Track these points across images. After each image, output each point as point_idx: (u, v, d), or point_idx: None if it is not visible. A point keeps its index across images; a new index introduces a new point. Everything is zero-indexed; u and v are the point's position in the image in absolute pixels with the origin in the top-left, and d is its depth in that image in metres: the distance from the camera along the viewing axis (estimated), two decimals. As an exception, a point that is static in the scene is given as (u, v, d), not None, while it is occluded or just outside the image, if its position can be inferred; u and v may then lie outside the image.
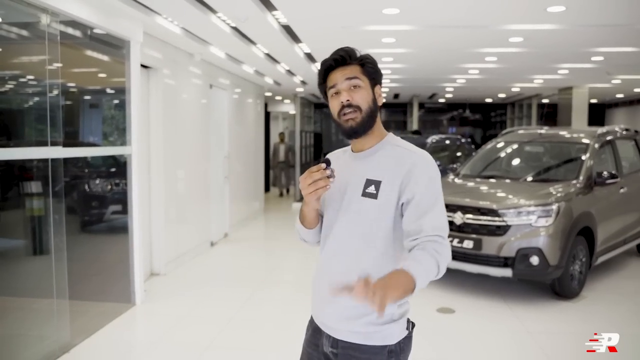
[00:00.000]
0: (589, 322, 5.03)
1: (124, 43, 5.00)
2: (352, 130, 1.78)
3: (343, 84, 1.77)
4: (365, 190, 1.75)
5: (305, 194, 1.69)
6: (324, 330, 1.84)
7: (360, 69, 1.80)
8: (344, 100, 1.76)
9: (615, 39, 6.41)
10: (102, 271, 5.30)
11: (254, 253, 8.11)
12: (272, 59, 8.22)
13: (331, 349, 1.82)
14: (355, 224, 1.76)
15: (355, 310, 1.73)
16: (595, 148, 6.32)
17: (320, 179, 1.67)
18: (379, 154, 1.81)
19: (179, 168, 6.80)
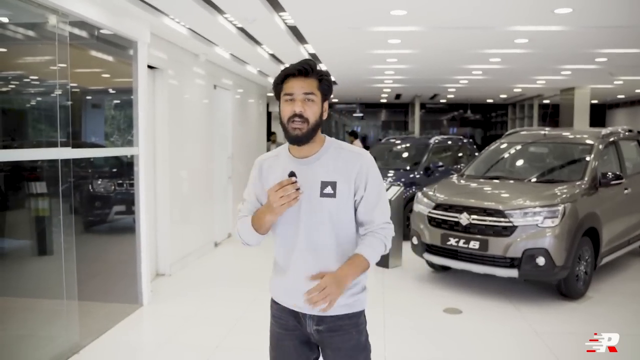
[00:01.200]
0: (595, 323, 5.03)
1: (132, 44, 5.01)
2: (297, 139, 1.98)
3: (300, 96, 1.95)
4: (322, 192, 2.00)
5: (277, 205, 1.89)
6: (306, 313, 2.08)
7: (317, 84, 1.98)
8: (297, 110, 1.94)
9: (619, 40, 6.43)
10: (108, 272, 5.30)
11: (258, 253, 8.01)
12: (277, 60, 8.23)
13: (316, 327, 2.09)
14: (320, 221, 2.01)
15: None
16: (599, 149, 6.33)
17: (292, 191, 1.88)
18: (326, 157, 2.05)
19: (183, 168, 6.80)
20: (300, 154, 2.06)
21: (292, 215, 2.02)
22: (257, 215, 2.04)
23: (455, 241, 5.70)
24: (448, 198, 6.00)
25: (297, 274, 2.06)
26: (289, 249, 2.08)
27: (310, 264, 2.04)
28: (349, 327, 2.10)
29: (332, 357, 2.13)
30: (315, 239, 2.04)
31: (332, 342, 2.10)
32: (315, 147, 2.06)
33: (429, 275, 6.56)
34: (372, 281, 6.10)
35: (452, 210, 5.79)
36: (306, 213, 2.02)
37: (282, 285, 2.14)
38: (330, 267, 2.01)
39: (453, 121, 22.68)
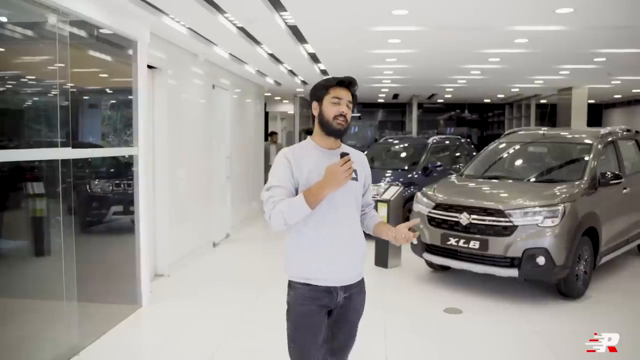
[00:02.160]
0: (595, 322, 5.04)
1: (131, 43, 4.98)
2: (339, 132, 2.50)
3: (345, 101, 2.48)
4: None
5: (342, 178, 2.31)
6: (338, 285, 2.52)
7: (352, 98, 2.53)
8: (343, 111, 2.47)
9: (619, 40, 6.44)
10: (108, 272, 5.26)
11: (257, 253, 8.10)
12: (276, 59, 8.21)
13: (344, 295, 2.54)
14: (350, 199, 2.54)
15: (359, 260, 2.58)
16: (598, 149, 6.34)
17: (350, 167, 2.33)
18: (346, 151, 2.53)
19: (182, 168, 6.78)
20: (329, 146, 2.54)
21: (330, 195, 2.42)
22: (313, 192, 2.36)
23: (455, 241, 5.70)
24: (448, 198, 6.00)
25: (335, 249, 2.49)
26: (329, 225, 2.48)
27: (348, 236, 2.53)
28: (361, 290, 2.66)
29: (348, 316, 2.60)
30: (349, 215, 2.54)
31: (353, 304, 2.60)
32: (338, 142, 2.58)
33: (428, 275, 6.56)
34: (371, 281, 6.08)
35: (452, 210, 5.79)
36: (341, 193, 2.46)
37: (318, 264, 2.48)
38: (359, 237, 2.57)
39: (450, 121, 22.69)
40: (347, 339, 2.66)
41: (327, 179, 2.33)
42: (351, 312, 2.61)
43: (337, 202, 2.47)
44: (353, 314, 2.63)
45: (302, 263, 2.51)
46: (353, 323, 2.65)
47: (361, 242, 2.58)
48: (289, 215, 2.37)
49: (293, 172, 2.46)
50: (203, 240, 7.63)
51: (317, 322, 2.51)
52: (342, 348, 2.67)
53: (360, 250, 2.57)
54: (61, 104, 3.99)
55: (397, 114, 22.76)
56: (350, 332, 2.66)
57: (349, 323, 2.63)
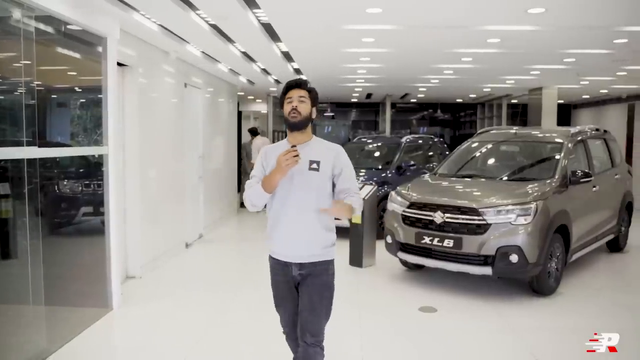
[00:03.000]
0: (567, 317, 5.13)
1: (101, 40, 4.86)
2: (294, 124, 2.91)
3: (296, 98, 2.92)
4: (310, 167, 2.90)
5: (284, 165, 2.73)
6: (293, 262, 2.94)
7: (308, 94, 2.95)
8: (294, 105, 2.90)
9: (588, 41, 6.54)
10: (77, 275, 5.13)
11: (230, 254, 8.02)
12: (249, 58, 8.14)
13: (299, 272, 2.95)
14: (307, 188, 2.89)
15: (312, 242, 2.92)
16: (569, 147, 6.44)
17: (295, 156, 2.74)
18: (313, 145, 2.98)
19: (153, 168, 6.67)
20: (296, 141, 2.94)
21: (287, 182, 2.87)
22: (267, 178, 2.85)
23: (429, 240, 5.72)
24: (422, 197, 6.02)
25: (286, 228, 2.93)
26: (281, 209, 2.92)
27: (297, 220, 2.91)
28: (321, 272, 2.96)
29: (307, 291, 2.94)
30: (302, 201, 2.89)
31: (308, 281, 2.94)
32: (306, 138, 2.99)
33: (402, 274, 6.57)
34: (346, 280, 6.09)
35: (426, 209, 5.80)
36: (298, 182, 2.89)
37: (274, 241, 2.98)
38: (312, 224, 2.91)
39: (423, 120, 22.86)
40: (307, 314, 2.93)
41: (276, 167, 2.79)
42: (310, 288, 2.95)
43: (294, 188, 2.89)
44: (311, 291, 2.94)
45: (268, 238, 3.04)
46: (310, 299, 2.93)
47: (316, 227, 2.91)
48: (253, 198, 2.91)
49: (263, 163, 3.00)
50: (175, 241, 7.52)
51: (281, 290, 3.03)
52: (304, 323, 2.93)
53: (313, 234, 2.91)
54: (27, 103, 3.87)
55: (370, 114, 22.84)
56: (309, 306, 2.93)
57: (306, 296, 2.95)
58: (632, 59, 7.71)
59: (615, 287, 6.49)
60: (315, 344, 2.94)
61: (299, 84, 2.95)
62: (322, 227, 2.93)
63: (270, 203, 2.96)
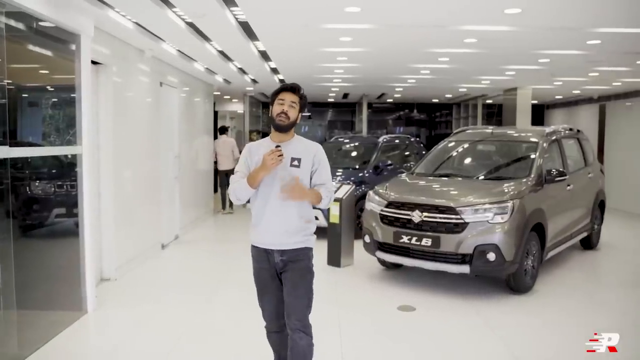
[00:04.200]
0: (544, 315, 5.19)
1: (74, 37, 4.75)
2: (280, 127, 3.11)
3: (288, 102, 3.11)
4: (291, 163, 3.11)
5: (269, 164, 2.96)
6: (274, 249, 3.14)
7: (299, 100, 3.14)
8: (284, 109, 3.09)
9: (562, 41, 6.63)
10: (50, 278, 4.99)
11: (207, 255, 7.93)
12: (225, 57, 8.06)
13: (281, 258, 3.14)
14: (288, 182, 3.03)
15: (293, 231, 3.12)
16: (544, 147, 6.52)
17: (279, 155, 2.96)
18: (294, 143, 3.18)
19: (128, 168, 6.56)
20: (280, 140, 3.14)
21: (270, 178, 3.07)
22: (252, 175, 3.06)
23: (407, 239, 5.73)
24: (400, 196, 6.03)
25: (269, 219, 3.13)
26: (265, 201, 3.13)
27: (279, 211, 3.11)
28: (302, 257, 3.17)
29: (290, 276, 3.13)
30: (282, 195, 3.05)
31: (290, 266, 3.14)
32: (289, 137, 3.19)
33: (380, 273, 6.58)
34: (324, 280, 6.06)
35: (405, 208, 5.81)
36: (280, 176, 3.08)
37: (258, 230, 3.17)
38: (292, 215, 3.12)
39: (399, 120, 22.95)
40: (292, 298, 3.10)
41: (261, 165, 3.02)
42: (292, 273, 3.13)
43: (277, 182, 3.08)
44: (292, 273, 3.12)
45: (251, 229, 3.22)
46: (293, 281, 3.11)
47: (295, 218, 3.12)
48: (238, 192, 3.12)
49: (247, 160, 3.18)
50: (151, 243, 7.41)
51: (264, 279, 3.20)
52: (289, 306, 3.10)
53: (292, 224, 3.12)
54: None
55: (346, 114, 22.86)
56: (292, 290, 3.11)
57: (289, 281, 3.13)
58: (605, 59, 7.84)
59: (590, 284, 6.61)
60: (302, 330, 3.08)
61: (293, 89, 3.12)
62: (302, 218, 3.15)
63: (255, 196, 3.15)
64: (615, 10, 5.14)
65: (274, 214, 3.12)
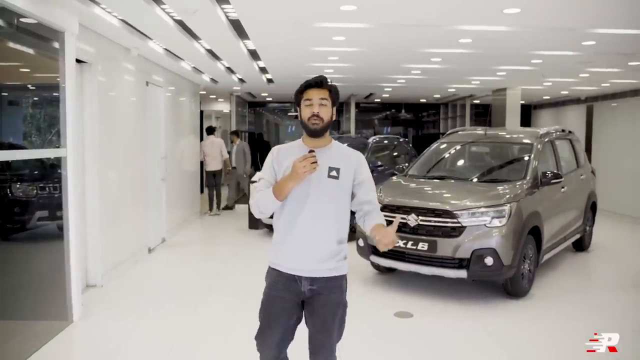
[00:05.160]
0: (542, 320, 5.12)
1: (58, 35, 4.54)
2: (315, 132, 2.62)
3: (317, 100, 2.60)
4: (329, 174, 2.61)
5: (301, 172, 2.45)
6: (303, 275, 2.64)
7: (329, 93, 2.62)
8: (315, 111, 2.59)
9: (558, 42, 6.56)
10: (32, 285, 4.79)
11: (195, 259, 7.73)
12: (214, 56, 7.87)
13: (310, 287, 2.65)
14: (325, 197, 2.60)
15: (327, 255, 2.64)
16: (538, 149, 6.44)
17: (313, 162, 2.46)
18: (333, 150, 2.69)
19: (114, 170, 6.35)
20: (314, 145, 2.65)
21: (302, 190, 2.59)
22: (279, 184, 2.56)
23: (403, 243, 5.60)
24: (395, 199, 5.90)
25: (299, 239, 2.63)
26: (294, 217, 2.62)
27: (312, 230, 2.62)
28: (334, 287, 2.68)
29: (320, 311, 2.65)
30: (318, 210, 2.61)
31: (321, 298, 2.65)
32: (325, 141, 2.70)
33: (374, 278, 6.45)
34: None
35: (400, 212, 5.68)
36: (314, 189, 2.61)
37: (284, 251, 2.67)
38: (329, 236, 2.63)
39: (386, 120, 22.88)
40: (321, 337, 2.66)
41: (291, 172, 2.51)
42: (321, 307, 2.65)
43: (309, 197, 2.61)
44: (323, 309, 2.65)
45: (274, 249, 2.73)
46: (324, 319, 2.66)
47: (331, 240, 2.64)
48: (263, 205, 2.61)
49: (274, 166, 2.68)
50: (138, 246, 7.20)
51: (277, 312, 2.67)
52: (317, 346, 2.67)
53: (327, 247, 2.63)
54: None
55: (333, 113, 22.69)
56: (322, 328, 2.66)
57: (319, 318, 2.66)
58: (598, 61, 7.80)
59: (585, 287, 6.55)
60: None
61: (320, 83, 2.61)
62: (338, 239, 2.66)
63: (281, 211, 2.66)
64: (612, 11, 5.06)
65: (305, 233, 2.62)
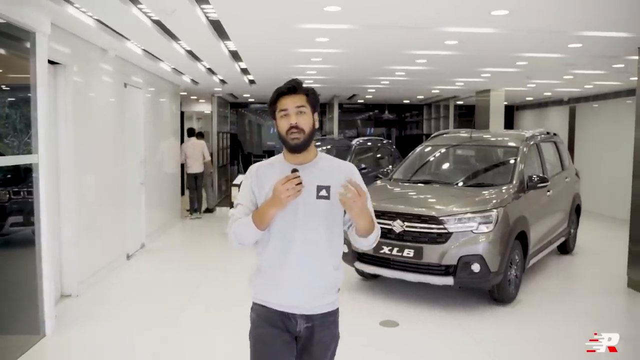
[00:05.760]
0: (530, 327, 5.05)
1: (29, 35, 4.34)
2: (296, 147, 2.24)
3: (293, 109, 2.22)
4: (318, 194, 2.24)
5: (284, 196, 2.09)
6: (297, 313, 2.29)
7: (306, 98, 2.25)
8: (292, 122, 2.21)
9: (544, 44, 6.50)
10: (2, 296, 4.57)
11: (176, 265, 7.54)
12: (194, 57, 7.68)
13: (306, 325, 2.30)
14: (316, 221, 2.25)
15: (325, 288, 2.31)
16: (524, 152, 6.37)
17: (297, 184, 2.10)
18: (320, 165, 2.32)
19: (91, 174, 6.15)
20: (297, 161, 2.27)
21: (289, 215, 2.23)
22: (260, 211, 2.22)
23: (388, 249, 5.49)
24: (380, 204, 5.77)
25: (291, 272, 2.26)
26: (283, 246, 2.26)
27: (306, 261, 2.26)
28: (330, 323, 2.36)
29: (311, 349, 2.33)
30: (311, 238, 2.25)
31: (318, 336, 2.32)
32: (310, 156, 2.31)
33: (359, 284, 6.32)
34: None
35: (385, 217, 5.56)
36: (303, 213, 2.24)
37: (272, 286, 2.30)
38: (325, 265, 2.29)
39: (368, 121, 22.77)
40: None
41: (272, 197, 2.16)
42: (315, 344, 2.33)
43: (298, 223, 2.25)
44: (317, 346, 2.33)
45: (259, 282, 2.35)
46: (318, 356, 2.35)
47: (327, 269, 2.30)
48: (241, 235, 2.26)
49: (253, 190, 2.32)
50: (116, 253, 6.99)
51: (274, 347, 2.31)
52: None
53: (323, 279, 2.30)
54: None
55: (315, 114, 22.53)
56: None
57: (312, 356, 2.34)
58: (583, 63, 7.77)
59: (571, 291, 6.52)
60: None
61: (292, 89, 2.24)
62: (333, 265, 2.33)
63: (266, 241, 2.29)
64: (599, 14, 5.00)
65: (298, 265, 2.25)
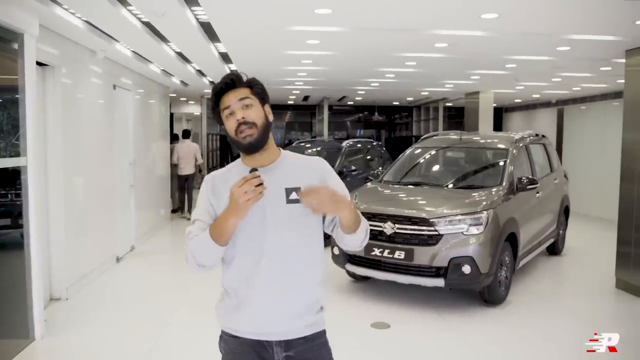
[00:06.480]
0: (520, 327, 5.08)
1: (16, 36, 4.30)
2: (250, 146, 1.90)
3: (236, 104, 1.90)
4: (288, 199, 1.86)
5: (242, 201, 1.74)
6: (273, 340, 1.92)
7: (250, 91, 1.94)
8: (239, 118, 1.88)
9: (533, 47, 6.55)
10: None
11: (165, 268, 7.50)
12: (184, 59, 7.66)
13: (285, 354, 1.93)
14: (289, 229, 1.90)
15: (303, 307, 1.94)
16: (514, 154, 6.41)
17: (258, 185, 1.75)
18: (285, 164, 1.98)
19: (80, 176, 6.10)
20: (258, 164, 1.92)
21: (255, 224, 1.89)
22: (217, 222, 1.86)
23: (379, 251, 5.49)
24: (370, 206, 5.78)
25: (262, 292, 1.90)
26: (252, 264, 1.91)
27: (278, 279, 1.91)
28: (319, 347, 2.00)
29: None
30: (283, 250, 1.92)
31: None
32: (272, 155, 1.99)
33: (350, 286, 6.32)
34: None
35: (376, 219, 5.56)
36: (273, 222, 1.90)
37: (241, 311, 1.93)
38: (302, 280, 1.94)
39: (358, 123, 22.81)
40: None
41: (230, 204, 1.80)
42: None
43: (267, 233, 1.90)
44: None
45: (225, 309, 1.98)
46: None
47: (305, 285, 1.95)
48: (199, 255, 1.88)
49: (210, 202, 1.96)
50: (105, 256, 6.93)
51: None
52: None
53: (300, 296, 1.94)
54: None
55: (306, 116, 22.57)
56: None
57: None
58: (571, 65, 7.84)
59: (561, 292, 6.56)
60: None
61: (231, 83, 1.93)
62: (312, 282, 1.98)
63: (230, 256, 1.94)
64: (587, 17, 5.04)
65: (270, 284, 1.90)
